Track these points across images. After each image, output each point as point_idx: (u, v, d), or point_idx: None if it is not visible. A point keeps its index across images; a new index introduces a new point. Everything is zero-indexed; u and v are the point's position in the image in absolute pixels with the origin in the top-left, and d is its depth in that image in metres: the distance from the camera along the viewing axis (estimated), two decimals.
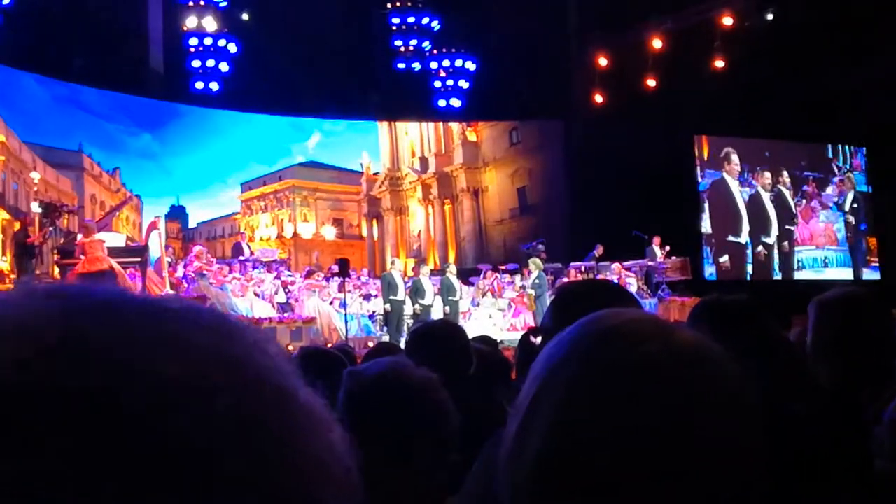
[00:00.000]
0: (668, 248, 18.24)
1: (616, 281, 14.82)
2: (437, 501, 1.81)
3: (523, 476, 0.80)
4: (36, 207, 15.40)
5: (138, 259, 14.33)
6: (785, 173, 23.25)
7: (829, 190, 23.76)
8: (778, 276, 22.72)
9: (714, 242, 22.26)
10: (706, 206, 22.35)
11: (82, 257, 13.10)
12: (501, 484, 0.82)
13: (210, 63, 20.19)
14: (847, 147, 23.83)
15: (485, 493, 1.21)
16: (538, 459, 0.79)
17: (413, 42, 22.22)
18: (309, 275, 16.55)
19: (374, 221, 27.82)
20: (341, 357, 3.29)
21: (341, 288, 16.00)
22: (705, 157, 22.67)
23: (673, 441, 0.76)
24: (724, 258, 22.17)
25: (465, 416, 1.89)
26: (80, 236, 13.81)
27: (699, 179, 22.46)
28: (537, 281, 16.30)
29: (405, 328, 15.67)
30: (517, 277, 18.34)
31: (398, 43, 22.14)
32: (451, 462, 1.81)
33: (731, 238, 22.39)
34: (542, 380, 0.83)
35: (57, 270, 14.15)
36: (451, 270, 16.70)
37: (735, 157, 22.66)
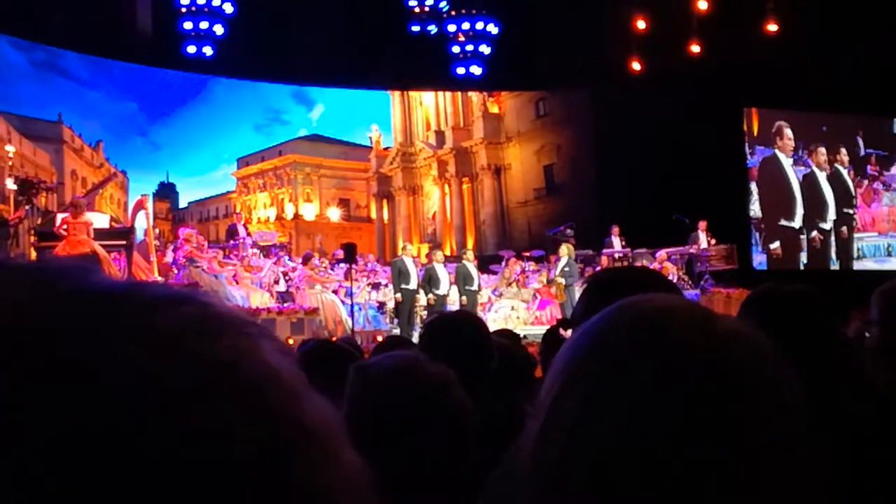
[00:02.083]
0: (712, 235, 18.12)
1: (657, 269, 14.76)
2: None
3: (546, 480, 0.80)
4: (11, 184, 15.47)
5: (123, 242, 14.37)
6: (843, 151, 23.08)
7: (894, 170, 23.57)
8: (835, 266, 22.59)
9: (764, 228, 22.15)
10: (755, 186, 22.23)
11: (63, 232, 13.14)
12: (523, 489, 0.83)
13: (203, 25, 20.20)
14: None
15: (507, 499, 1.22)
16: (563, 461, 0.79)
17: (429, 2, 22.14)
18: (307, 260, 16.57)
19: (384, 202, 27.78)
20: (350, 350, 3.30)
21: (347, 275, 16.02)
22: (755, 133, 22.53)
23: (712, 441, 0.76)
24: (776, 245, 22.06)
25: (484, 417, 1.90)
26: (61, 216, 13.85)
27: (748, 157, 22.33)
28: (566, 269, 16.26)
29: (418, 320, 15.68)
30: (543, 265, 18.30)
31: (412, 3, 22.06)
32: (468, 466, 1.82)
33: (783, 223, 22.27)
34: (567, 374, 0.83)
35: (35, 253, 14.21)
36: (469, 257, 16.69)
37: (788, 133, 22.51)
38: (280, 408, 0.53)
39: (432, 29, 22.18)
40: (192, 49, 20.28)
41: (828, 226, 22.68)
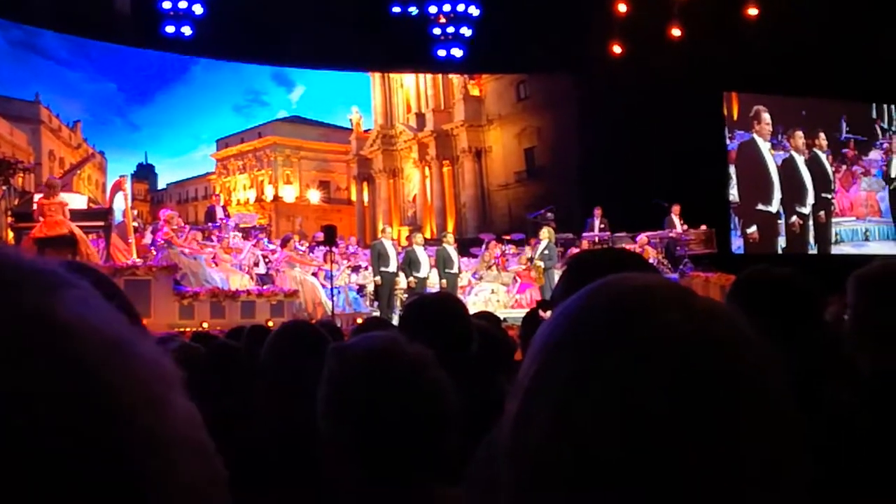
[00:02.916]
0: (684, 220, 18.15)
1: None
2: (431, 491, 1.82)
3: (525, 464, 0.80)
4: None
5: (101, 223, 14.30)
6: (822, 135, 23.20)
7: (873, 154, 23.72)
8: (813, 250, 22.75)
9: (742, 211, 22.26)
10: (734, 170, 22.31)
11: (41, 219, 13.08)
12: (502, 472, 0.82)
13: (182, 4, 20.05)
14: (893, 106, 23.76)
15: (488, 483, 1.21)
16: (541, 445, 0.78)
17: None
18: (286, 242, 16.54)
19: (365, 184, 27.76)
20: (324, 333, 3.29)
21: (327, 258, 16.00)
22: (734, 117, 22.62)
23: (694, 426, 0.76)
24: (752, 229, 22.19)
25: (464, 400, 1.89)
26: (38, 197, 13.78)
27: (727, 141, 22.41)
28: (546, 252, 16.31)
29: (397, 303, 15.69)
30: (524, 249, 18.33)
31: None
32: (450, 448, 1.82)
33: (760, 207, 22.39)
34: (545, 354, 0.82)
35: (11, 234, 14.13)
36: (449, 240, 16.70)
37: (766, 117, 22.60)
38: (91, 360, 0.51)
39: (413, 10, 22.10)
40: (170, 29, 20.13)
41: (806, 210, 22.81)
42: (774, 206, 22.50)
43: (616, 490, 0.74)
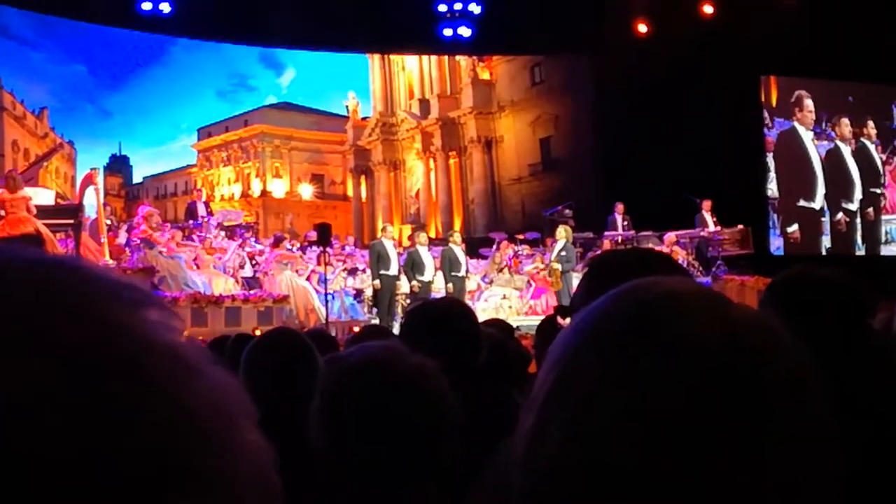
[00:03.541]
0: (717, 217, 18.12)
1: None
2: None
3: (540, 481, 0.80)
4: None
5: (71, 221, 14.31)
6: (871, 123, 23.15)
7: None
8: (861, 251, 22.71)
9: (782, 208, 22.22)
10: (773, 162, 22.27)
11: (2, 216, 13.11)
12: (516, 489, 0.83)
13: None
14: None
15: (498, 499, 1.22)
16: (558, 460, 0.79)
17: None
18: (277, 242, 16.56)
19: (362, 178, 27.78)
20: (309, 343, 3.29)
21: (320, 260, 16.00)
22: (773, 103, 22.58)
23: (724, 441, 0.76)
24: (793, 228, 22.15)
25: (472, 415, 1.90)
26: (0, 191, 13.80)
27: (765, 130, 22.38)
28: (564, 254, 16.30)
29: (399, 310, 15.69)
30: (539, 250, 18.33)
31: None
32: (454, 464, 1.82)
33: (802, 203, 22.35)
34: (564, 364, 0.83)
35: None
36: (456, 240, 16.70)
37: (809, 103, 22.55)
38: (163, 388, 0.53)
39: None
40: (147, 6, 20.11)
41: (853, 206, 22.76)
42: (818, 203, 22.45)
43: (635, 502, 0.75)
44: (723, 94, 19.54)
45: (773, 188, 22.20)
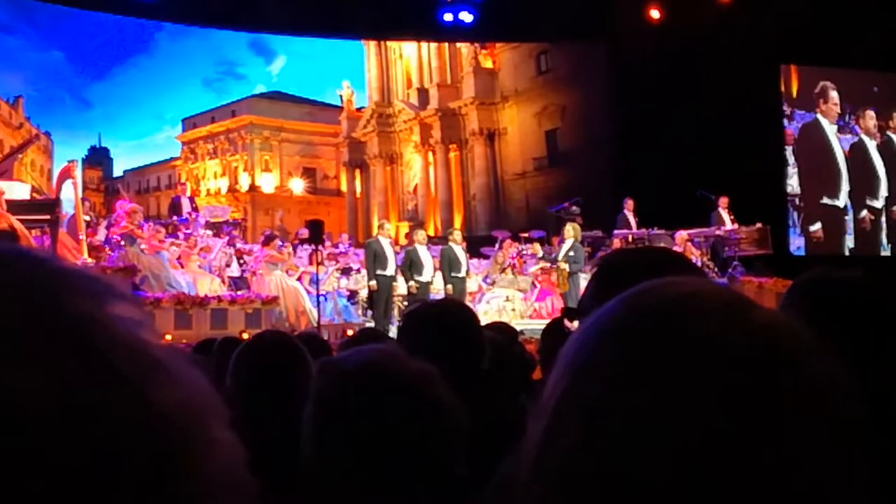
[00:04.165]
0: (734, 215, 18.10)
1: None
2: None
3: (551, 490, 0.80)
4: None
5: (47, 217, 14.29)
6: None
7: None
8: (887, 251, 22.71)
9: (803, 206, 22.21)
10: (793, 157, 22.26)
11: None
12: (524, 500, 0.83)
13: None
14: None
15: None
16: (571, 469, 0.79)
17: None
18: (268, 241, 16.56)
19: (357, 172, 27.78)
20: (301, 346, 3.29)
21: (312, 259, 16.01)
22: (794, 94, 22.58)
23: (747, 450, 0.76)
24: (817, 226, 22.14)
25: (474, 423, 1.90)
26: None
27: (785, 123, 22.38)
28: (571, 253, 16.30)
29: (396, 312, 15.69)
30: (544, 249, 18.33)
31: None
32: (456, 478, 1.82)
33: (825, 200, 22.35)
34: (576, 369, 0.83)
35: None
36: (457, 238, 16.70)
37: (834, 95, 22.55)
38: (136, 375, 0.54)
39: None
40: None
41: (879, 204, 22.75)
42: (842, 200, 22.44)
43: None
44: (740, 85, 19.54)
45: (793, 184, 22.18)
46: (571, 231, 16.57)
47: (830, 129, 22.57)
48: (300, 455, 1.89)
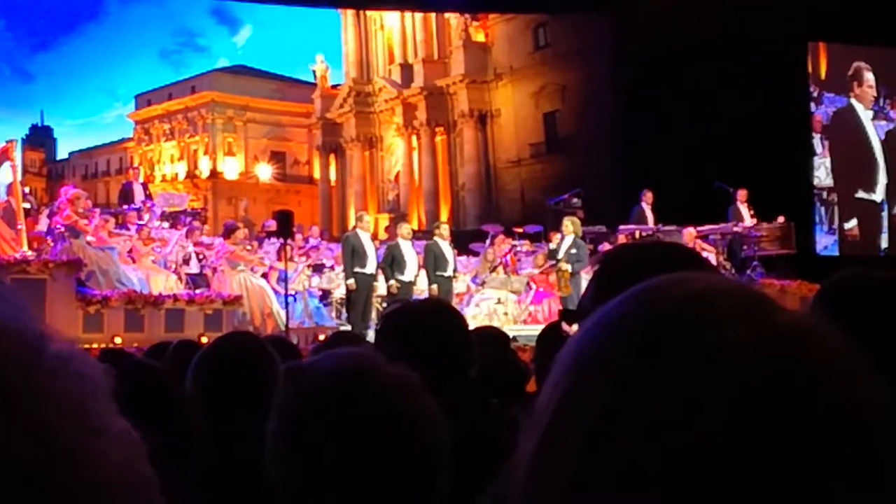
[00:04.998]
0: (754, 209, 18.12)
1: None
2: None
3: None
4: None
5: None
6: None
7: None
8: None
9: (836, 200, 22.23)
10: (823, 146, 22.31)
11: None
12: None
13: None
14: None
15: None
16: (568, 488, 0.79)
17: None
18: (230, 232, 16.53)
19: (332, 157, 27.74)
20: (271, 350, 3.28)
21: (280, 255, 16.00)
22: (823, 76, 22.62)
23: (771, 472, 0.76)
24: (853, 223, 22.15)
25: (460, 437, 1.89)
26: None
27: (813, 108, 22.42)
28: (572, 251, 16.31)
29: (374, 314, 15.69)
30: (541, 246, 18.35)
31: None
32: (439, 499, 1.82)
33: (861, 194, 22.36)
34: (574, 376, 0.82)
35: None
36: (443, 233, 16.71)
37: (869, 77, 22.59)
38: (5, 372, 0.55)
39: None
40: None
41: None
42: (879, 194, 22.45)
43: None
44: (763, 64, 19.57)
45: (820, 176, 22.22)
46: (571, 226, 16.56)
47: (866, 116, 22.60)
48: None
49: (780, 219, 17.88)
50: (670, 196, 17.74)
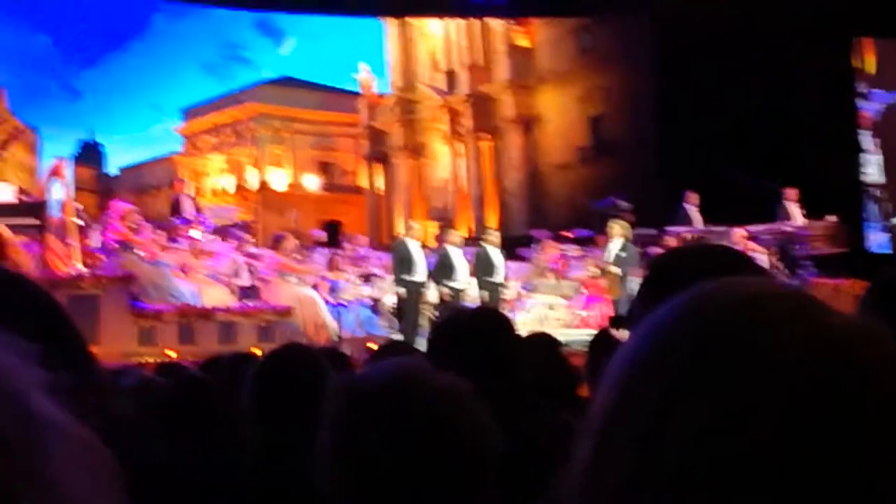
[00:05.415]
0: (805, 208, 17.98)
1: None
2: None
3: None
4: None
5: (35, 220, 14.42)
6: None
7: None
8: None
9: (887, 196, 22.05)
10: (872, 143, 22.13)
11: None
12: None
13: None
14: None
15: None
16: (621, 493, 0.79)
17: None
18: (278, 243, 16.57)
19: (379, 166, 27.80)
20: (325, 363, 3.29)
21: (331, 265, 16.04)
22: (871, 70, 22.44)
23: (822, 475, 0.76)
24: None
25: (512, 444, 1.89)
26: None
27: (861, 104, 22.25)
28: (622, 254, 16.25)
29: (426, 322, 15.67)
30: (590, 250, 18.30)
31: None
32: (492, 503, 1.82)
33: None
34: (626, 382, 0.83)
35: None
36: (493, 239, 16.70)
37: None
38: None
39: None
40: None
41: None
42: None
43: None
44: (808, 60, 19.43)
45: (872, 172, 22.04)
46: (619, 229, 16.51)
47: None
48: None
49: (831, 218, 17.73)
50: (716, 195, 17.63)
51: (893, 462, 0.76)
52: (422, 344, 11.85)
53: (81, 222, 16.41)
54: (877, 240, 21.81)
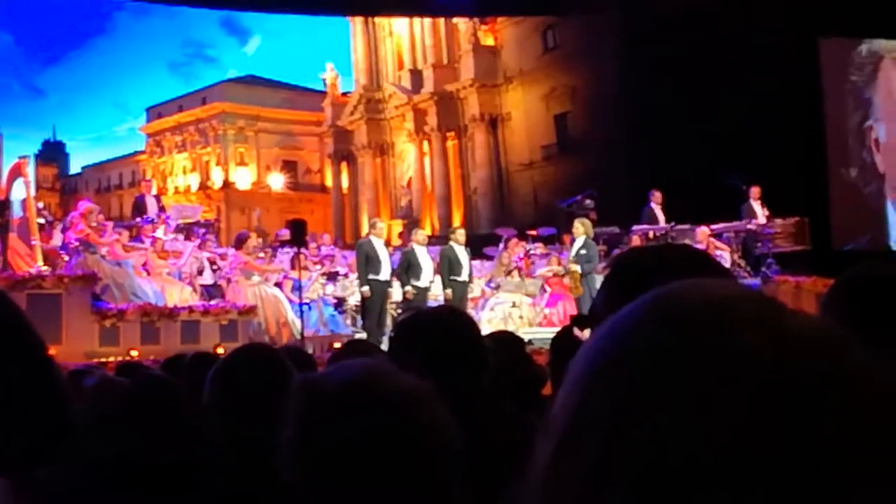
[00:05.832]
0: (767, 206, 18.08)
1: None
2: None
3: None
4: None
5: None
6: None
7: None
8: None
9: None
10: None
11: None
12: None
13: None
14: None
15: None
16: (583, 494, 0.78)
17: None
18: (241, 242, 16.54)
19: (344, 165, 27.80)
20: (288, 362, 3.28)
21: (294, 263, 16.02)
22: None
23: (783, 465, 0.75)
24: None
25: (474, 445, 1.89)
26: None
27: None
28: (584, 252, 16.31)
29: (390, 321, 15.69)
30: (554, 248, 18.35)
31: None
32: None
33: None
34: (588, 383, 0.82)
35: None
36: (459, 238, 16.72)
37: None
38: None
39: None
40: None
41: None
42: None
43: None
44: (774, 59, 19.56)
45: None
46: (582, 227, 16.57)
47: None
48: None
49: (795, 217, 17.83)
50: (683, 195, 17.71)
51: (852, 462, 0.76)
52: (386, 343, 11.87)
53: (44, 221, 16.35)
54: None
